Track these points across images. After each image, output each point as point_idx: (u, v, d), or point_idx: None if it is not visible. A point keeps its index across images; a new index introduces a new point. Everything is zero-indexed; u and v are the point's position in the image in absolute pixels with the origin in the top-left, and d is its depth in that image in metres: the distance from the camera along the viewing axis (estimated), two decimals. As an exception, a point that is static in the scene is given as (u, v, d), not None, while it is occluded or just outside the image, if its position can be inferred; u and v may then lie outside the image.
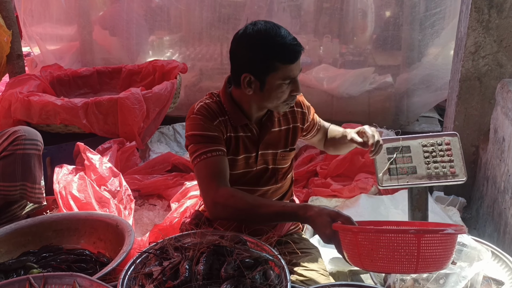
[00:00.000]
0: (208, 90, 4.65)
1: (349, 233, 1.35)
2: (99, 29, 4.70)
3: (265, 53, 1.56)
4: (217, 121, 1.68)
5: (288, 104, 1.70)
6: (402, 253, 1.28)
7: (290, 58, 1.58)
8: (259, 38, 1.57)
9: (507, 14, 2.71)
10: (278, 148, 1.81)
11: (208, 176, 1.61)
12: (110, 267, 1.77)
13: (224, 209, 1.57)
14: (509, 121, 2.45)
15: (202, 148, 1.63)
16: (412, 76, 4.24)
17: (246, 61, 1.60)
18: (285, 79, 1.60)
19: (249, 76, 1.60)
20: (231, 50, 1.65)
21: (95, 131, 3.24)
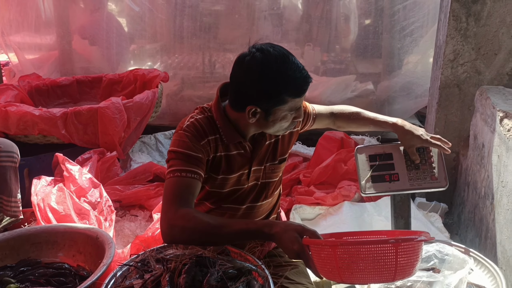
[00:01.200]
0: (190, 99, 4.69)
1: (326, 248, 1.33)
2: (78, 39, 4.65)
3: (275, 88, 1.50)
4: (205, 140, 1.60)
5: (289, 129, 1.67)
6: (381, 263, 1.28)
7: (300, 92, 1.54)
8: (270, 70, 1.49)
9: (484, 22, 2.76)
10: (267, 161, 1.75)
11: (172, 195, 1.52)
12: (90, 281, 1.73)
13: (182, 232, 1.48)
14: (488, 127, 2.48)
15: (178, 165, 1.55)
16: (392, 83, 4.29)
17: (254, 93, 1.52)
18: (291, 111, 1.57)
19: (255, 108, 1.53)
20: (235, 75, 1.57)
21: (74, 141, 3.19)
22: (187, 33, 4.47)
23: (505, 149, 2.19)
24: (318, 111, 1.97)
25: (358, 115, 2.00)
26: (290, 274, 1.77)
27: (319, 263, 1.35)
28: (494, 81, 2.86)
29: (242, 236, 1.49)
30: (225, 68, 4.60)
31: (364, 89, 4.34)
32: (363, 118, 1.99)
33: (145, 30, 4.56)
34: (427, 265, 1.76)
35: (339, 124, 2.03)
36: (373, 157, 2.03)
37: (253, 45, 1.55)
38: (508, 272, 2.06)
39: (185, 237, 1.49)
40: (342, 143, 3.42)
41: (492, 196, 2.35)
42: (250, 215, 1.78)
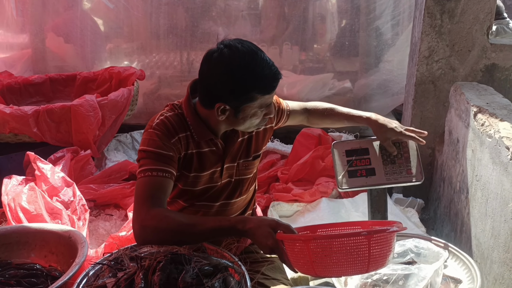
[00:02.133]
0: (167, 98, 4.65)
1: (299, 242, 1.32)
2: (52, 37, 4.55)
3: (244, 85, 1.47)
4: (175, 138, 1.56)
5: (260, 126, 1.65)
6: (355, 255, 1.28)
7: (270, 89, 1.51)
8: (238, 67, 1.46)
9: (458, 19, 2.79)
10: (240, 158, 1.73)
11: (144, 195, 1.48)
12: (61, 280, 1.68)
13: (154, 233, 1.45)
14: (462, 122, 2.51)
15: (149, 164, 1.51)
16: (369, 81, 4.32)
17: (222, 91, 1.49)
18: (261, 107, 1.54)
19: (223, 106, 1.50)
20: (203, 72, 1.53)
21: (47, 140, 3.12)
22: (163, 31, 4.42)
23: (479, 143, 2.22)
24: (292, 108, 1.95)
25: (332, 110, 2.00)
26: (266, 270, 1.76)
27: (293, 257, 1.34)
28: (468, 77, 2.90)
29: (216, 234, 1.46)
30: (203, 67, 4.56)
31: (341, 87, 4.36)
32: (337, 114, 1.99)
33: (121, 28, 4.50)
34: (403, 259, 1.76)
35: (313, 120, 2.02)
36: (350, 152, 2.03)
37: (221, 41, 1.51)
38: (483, 265, 2.08)
39: (158, 237, 1.46)
40: (320, 140, 3.42)
41: (467, 190, 2.38)
42: (225, 212, 1.76)
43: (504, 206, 1.89)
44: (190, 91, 1.63)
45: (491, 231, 2.03)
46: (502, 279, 1.88)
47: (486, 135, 2.12)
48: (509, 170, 1.84)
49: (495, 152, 2.00)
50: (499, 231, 1.93)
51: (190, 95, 1.63)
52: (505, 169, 1.88)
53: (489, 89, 2.66)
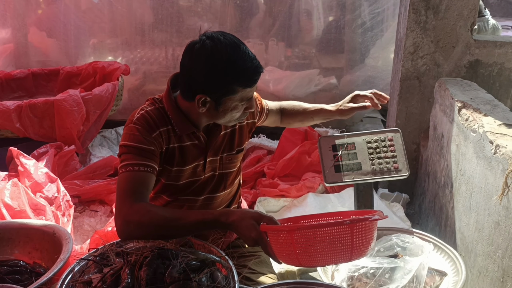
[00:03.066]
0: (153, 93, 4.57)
1: (283, 233, 1.33)
2: (35, 31, 4.48)
3: (225, 77, 1.46)
4: (156, 132, 1.54)
5: (240, 120, 1.63)
6: (338, 244, 1.29)
7: (251, 82, 1.50)
8: (219, 59, 1.45)
9: (443, 15, 2.82)
10: (224, 152, 1.72)
11: (126, 190, 1.47)
12: (46, 277, 1.66)
13: (138, 227, 1.43)
14: (447, 118, 2.54)
15: (130, 159, 1.50)
16: (355, 78, 4.34)
17: (203, 82, 1.48)
18: (242, 101, 1.53)
19: (204, 97, 1.49)
20: (184, 64, 1.52)
21: (29, 135, 3.07)
22: (148, 26, 4.38)
23: (463, 138, 2.25)
24: (270, 107, 1.98)
25: (300, 106, 2.04)
26: (253, 264, 1.77)
27: (277, 249, 1.35)
28: (452, 73, 2.92)
29: (200, 227, 1.46)
30: (188, 62, 4.53)
31: (327, 83, 4.38)
32: (304, 109, 2.03)
33: (105, 23, 4.44)
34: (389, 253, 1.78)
35: (285, 120, 2.05)
36: (336, 147, 2.04)
37: (203, 33, 1.51)
38: (467, 258, 2.11)
39: (141, 232, 1.44)
40: (306, 135, 3.43)
41: (451, 185, 2.41)
42: (209, 206, 1.75)
43: (488, 199, 1.91)
44: (170, 84, 1.62)
45: (475, 225, 2.06)
46: (486, 272, 1.91)
47: (470, 130, 2.14)
48: (493, 164, 1.86)
49: (479, 147, 2.03)
50: (483, 225, 1.96)
51: (170, 88, 1.61)
52: (489, 163, 1.91)
53: (473, 85, 2.69)
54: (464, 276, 1.66)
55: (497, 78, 2.93)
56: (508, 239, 1.72)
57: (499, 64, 2.91)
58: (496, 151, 1.84)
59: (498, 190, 1.78)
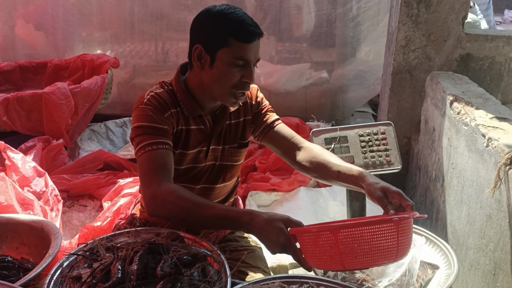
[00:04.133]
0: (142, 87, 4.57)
1: (325, 233, 1.22)
2: (22, 24, 4.41)
3: (218, 25, 1.49)
4: (168, 113, 1.55)
5: (237, 95, 1.56)
6: (385, 243, 1.23)
7: (244, 36, 1.48)
8: (216, 11, 1.52)
9: (434, 8, 2.81)
10: (226, 143, 1.70)
11: (151, 169, 1.46)
12: (34, 272, 1.63)
13: (164, 205, 1.42)
14: (438, 111, 2.53)
15: (147, 139, 1.49)
16: (346, 72, 4.34)
17: (199, 33, 1.53)
18: (236, 58, 1.49)
19: (200, 48, 1.51)
20: (190, 30, 1.58)
21: (17, 129, 3.03)
22: (137, 19, 4.33)
23: (455, 131, 2.25)
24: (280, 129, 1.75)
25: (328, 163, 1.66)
26: (247, 258, 1.75)
27: (315, 253, 1.25)
28: (443, 67, 2.92)
29: (220, 222, 1.41)
30: (178, 56, 4.50)
31: (318, 77, 4.37)
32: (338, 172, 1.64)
33: (94, 16, 4.38)
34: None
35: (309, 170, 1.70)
36: (329, 140, 2.03)
37: None
38: (459, 251, 2.11)
39: (166, 211, 1.43)
40: (298, 129, 3.42)
41: (443, 179, 2.41)
42: (205, 196, 1.72)
43: (480, 193, 1.91)
44: (180, 70, 1.65)
45: (466, 218, 2.06)
46: (477, 265, 1.92)
47: (462, 123, 2.14)
48: (485, 157, 1.86)
49: (471, 140, 2.03)
50: (475, 218, 1.96)
51: (179, 73, 1.64)
52: (481, 157, 1.91)
53: (464, 79, 2.69)
54: (457, 269, 1.66)
55: (488, 72, 2.94)
56: (500, 232, 1.72)
57: (490, 58, 2.91)
58: (488, 144, 1.84)
59: (490, 183, 1.78)
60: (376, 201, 1.49)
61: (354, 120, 4.36)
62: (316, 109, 4.25)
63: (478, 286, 1.90)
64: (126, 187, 2.42)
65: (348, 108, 4.42)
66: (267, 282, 1.50)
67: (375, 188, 1.50)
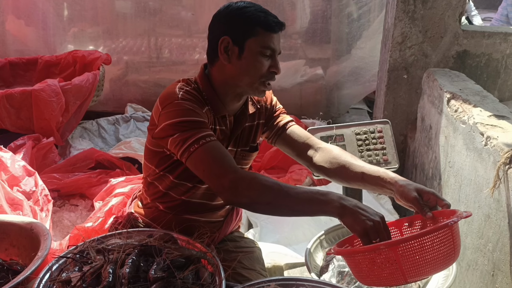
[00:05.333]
0: (135, 84, 4.51)
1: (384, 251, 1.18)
2: (12, 19, 4.34)
3: (246, 16, 1.48)
4: (205, 108, 1.51)
5: (264, 84, 1.52)
6: (443, 248, 1.21)
7: (271, 25, 1.48)
8: (240, 6, 1.51)
9: (431, 5, 2.78)
10: (239, 146, 1.66)
11: (219, 158, 1.38)
12: (23, 275, 1.58)
13: (249, 190, 1.33)
14: (435, 109, 2.51)
15: (196, 134, 1.40)
16: (341, 68, 4.30)
17: (226, 26, 1.50)
18: (264, 47, 1.48)
19: (227, 40, 1.48)
20: (209, 27, 1.55)
21: (6, 126, 2.98)
22: (130, 15, 4.28)
23: (452, 129, 2.22)
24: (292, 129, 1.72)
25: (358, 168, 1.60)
26: (244, 259, 1.72)
27: (374, 271, 1.22)
28: (440, 63, 2.90)
29: (310, 201, 1.32)
30: (171, 52, 4.45)
31: (313, 74, 4.34)
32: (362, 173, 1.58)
33: (86, 11, 4.32)
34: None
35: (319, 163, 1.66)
36: (325, 139, 2.00)
37: None
38: (456, 251, 2.09)
39: (251, 196, 1.34)
40: (292, 127, 3.37)
41: (440, 177, 2.38)
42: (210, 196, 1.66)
43: (478, 192, 1.89)
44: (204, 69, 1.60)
45: (464, 217, 2.03)
46: (475, 265, 1.89)
47: (460, 121, 2.11)
48: (484, 156, 1.84)
49: (469, 138, 2.00)
50: (473, 218, 1.93)
51: (204, 71, 1.59)
52: (479, 155, 1.88)
53: (461, 76, 2.66)
54: (455, 270, 1.63)
55: (485, 69, 2.92)
56: (499, 233, 1.70)
57: (487, 55, 2.89)
58: (487, 143, 1.81)
59: (488, 182, 1.76)
60: (411, 202, 1.42)
61: (349, 117, 4.33)
62: (311, 106, 4.22)
63: (476, 286, 1.87)
64: (118, 187, 2.37)
65: (343, 105, 4.39)
66: (262, 284, 1.48)
67: (409, 189, 1.43)
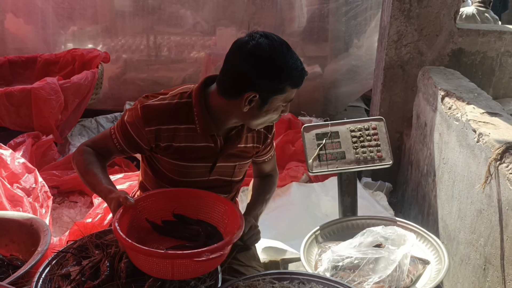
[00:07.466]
0: (134, 82, 4.52)
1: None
2: (11, 18, 4.35)
3: (279, 76, 1.45)
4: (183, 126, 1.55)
5: (271, 123, 1.65)
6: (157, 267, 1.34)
7: (299, 83, 1.50)
8: (275, 58, 1.44)
9: (427, 3, 2.80)
10: (237, 162, 1.70)
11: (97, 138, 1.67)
12: (23, 270, 1.62)
13: (74, 159, 1.62)
14: (430, 106, 2.53)
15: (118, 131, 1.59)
16: (339, 66, 4.33)
17: (255, 79, 1.45)
18: (285, 102, 1.52)
19: (254, 95, 1.46)
20: (234, 61, 1.48)
21: (6, 124, 3.00)
22: (129, 13, 4.29)
23: (446, 126, 2.25)
24: (268, 163, 1.94)
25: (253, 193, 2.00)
26: (240, 256, 1.74)
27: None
28: (435, 62, 2.92)
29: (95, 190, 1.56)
30: (170, 51, 4.47)
31: (311, 72, 4.35)
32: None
33: (85, 9, 4.33)
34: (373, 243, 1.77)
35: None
36: (320, 136, 2.03)
37: (252, 32, 1.49)
38: (449, 246, 2.12)
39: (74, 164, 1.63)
40: (290, 124, 3.41)
41: (434, 173, 2.41)
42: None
43: (471, 188, 1.92)
44: (204, 82, 1.59)
45: (457, 213, 2.06)
46: (468, 260, 1.92)
47: (454, 118, 2.14)
48: (476, 152, 1.87)
49: (462, 135, 2.03)
50: (465, 213, 1.96)
51: (203, 86, 1.57)
52: (472, 151, 1.91)
53: (456, 73, 2.69)
54: (447, 264, 1.66)
55: (480, 67, 2.95)
56: (490, 227, 1.73)
57: (482, 53, 2.92)
58: (479, 139, 1.84)
59: (480, 178, 1.79)
60: None
61: (346, 115, 4.36)
62: (308, 104, 4.24)
63: (469, 280, 1.91)
64: (117, 184, 2.39)
65: (341, 103, 4.42)
66: (258, 278, 1.51)
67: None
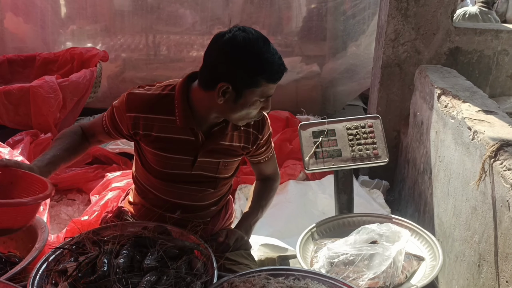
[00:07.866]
0: (132, 80, 4.53)
1: None
2: (11, 17, 4.36)
3: (252, 68, 1.45)
4: (133, 114, 1.59)
5: (252, 120, 1.62)
6: None
7: (275, 78, 1.49)
8: (250, 50, 1.45)
9: (424, 2, 2.81)
10: (221, 159, 1.70)
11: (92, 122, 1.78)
12: (20, 266, 1.62)
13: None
14: (427, 105, 2.55)
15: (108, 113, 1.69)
16: (337, 65, 4.34)
17: (229, 70, 1.46)
18: (262, 97, 1.51)
19: (226, 86, 1.46)
20: (211, 52, 1.50)
21: (4, 122, 3.02)
22: (128, 12, 4.29)
23: (442, 124, 2.26)
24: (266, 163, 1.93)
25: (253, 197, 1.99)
26: (234, 255, 1.74)
27: None
28: (432, 60, 2.93)
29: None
30: (169, 50, 4.48)
31: (309, 71, 4.37)
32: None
33: (84, 9, 4.34)
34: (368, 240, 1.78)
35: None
36: (317, 134, 2.04)
37: (234, 26, 1.51)
38: (445, 243, 2.13)
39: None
40: (287, 122, 3.42)
41: (430, 171, 2.42)
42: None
43: (466, 185, 1.93)
44: (188, 78, 1.60)
45: (453, 210, 2.07)
46: (463, 257, 1.93)
47: (449, 117, 2.16)
48: (471, 150, 1.88)
49: (458, 133, 2.04)
50: (461, 210, 1.98)
51: (187, 81, 1.59)
52: (467, 149, 1.92)
53: (453, 72, 2.70)
54: (441, 260, 1.68)
55: (477, 65, 2.96)
56: (484, 224, 1.74)
57: (479, 52, 2.93)
58: (474, 137, 1.86)
59: (475, 175, 1.80)
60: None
61: (345, 113, 4.37)
62: (307, 102, 4.25)
63: (464, 277, 1.92)
64: (114, 181, 2.41)
65: (339, 102, 4.43)
66: (253, 274, 1.52)
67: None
